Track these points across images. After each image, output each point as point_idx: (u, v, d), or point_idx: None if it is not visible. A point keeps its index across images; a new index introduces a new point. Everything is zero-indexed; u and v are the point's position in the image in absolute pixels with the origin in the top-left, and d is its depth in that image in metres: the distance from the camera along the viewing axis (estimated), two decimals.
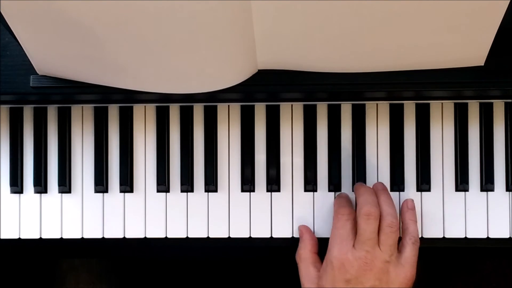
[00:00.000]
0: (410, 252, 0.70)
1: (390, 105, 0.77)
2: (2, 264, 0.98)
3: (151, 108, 0.79)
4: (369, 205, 0.69)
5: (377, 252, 0.68)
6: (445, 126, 0.77)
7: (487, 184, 0.76)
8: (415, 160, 0.77)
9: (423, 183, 0.76)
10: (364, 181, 0.76)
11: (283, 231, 0.77)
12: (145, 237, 0.78)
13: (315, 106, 0.78)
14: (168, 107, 0.78)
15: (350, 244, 0.69)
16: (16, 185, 0.78)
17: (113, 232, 0.78)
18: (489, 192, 0.77)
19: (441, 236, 0.76)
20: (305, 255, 0.73)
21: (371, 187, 0.75)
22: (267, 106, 0.78)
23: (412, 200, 0.75)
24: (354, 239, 0.69)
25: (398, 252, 0.70)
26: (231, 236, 0.77)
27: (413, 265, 0.70)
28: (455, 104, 0.77)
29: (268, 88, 0.72)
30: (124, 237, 0.78)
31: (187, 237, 0.77)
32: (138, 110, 0.79)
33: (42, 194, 0.78)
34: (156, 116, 0.78)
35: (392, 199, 0.73)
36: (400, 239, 0.72)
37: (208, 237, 0.77)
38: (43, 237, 0.78)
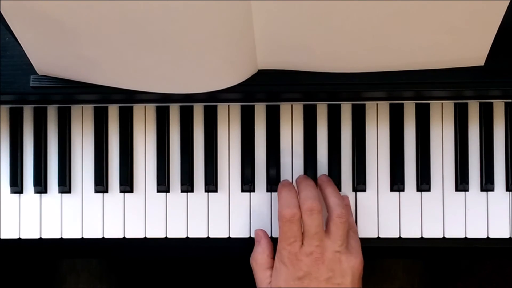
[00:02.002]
0: (353, 239, 0.71)
1: (390, 105, 0.77)
2: (2, 264, 0.98)
3: (151, 108, 0.78)
4: (311, 200, 0.69)
5: (327, 243, 0.68)
6: (445, 126, 0.77)
7: (487, 184, 0.76)
8: (415, 160, 0.77)
9: (423, 183, 0.76)
10: (364, 181, 0.76)
11: None
12: (145, 237, 0.78)
13: (315, 106, 0.78)
14: (168, 107, 0.78)
15: (299, 243, 0.69)
16: (16, 185, 0.78)
17: (113, 232, 0.78)
18: (489, 192, 0.77)
19: (441, 236, 0.76)
20: (262, 260, 0.73)
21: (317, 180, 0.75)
22: (267, 106, 0.78)
23: (347, 197, 0.76)
24: (302, 236, 0.69)
25: None
26: (231, 236, 0.77)
27: (359, 251, 0.71)
28: (455, 104, 0.77)
29: (268, 88, 0.72)
30: (124, 237, 0.78)
31: (187, 237, 0.77)
32: (138, 110, 0.78)
33: (42, 194, 0.78)
34: (156, 116, 0.78)
35: (337, 189, 0.74)
36: None
37: (208, 237, 0.77)
38: (43, 237, 0.78)
